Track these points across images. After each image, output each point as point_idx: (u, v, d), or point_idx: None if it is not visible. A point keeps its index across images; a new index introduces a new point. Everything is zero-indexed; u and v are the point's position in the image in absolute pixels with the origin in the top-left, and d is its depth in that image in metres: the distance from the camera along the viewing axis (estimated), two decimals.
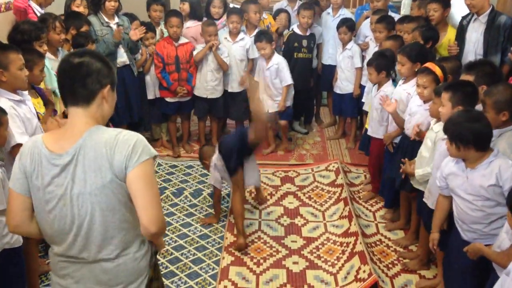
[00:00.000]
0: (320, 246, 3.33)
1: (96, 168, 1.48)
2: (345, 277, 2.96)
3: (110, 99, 1.59)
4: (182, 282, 2.94)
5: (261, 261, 3.18)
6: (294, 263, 3.16)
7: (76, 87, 1.52)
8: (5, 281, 2.29)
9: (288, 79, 4.53)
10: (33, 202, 1.58)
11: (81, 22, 3.74)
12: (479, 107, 2.47)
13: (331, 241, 3.38)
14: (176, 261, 3.13)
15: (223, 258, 3.19)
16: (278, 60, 4.51)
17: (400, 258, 3.17)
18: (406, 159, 2.98)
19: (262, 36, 4.43)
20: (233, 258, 3.20)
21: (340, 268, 3.06)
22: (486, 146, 2.17)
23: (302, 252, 3.27)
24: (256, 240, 3.41)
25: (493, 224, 2.17)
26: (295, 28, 4.82)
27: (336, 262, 3.14)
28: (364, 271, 2.87)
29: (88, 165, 1.49)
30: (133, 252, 1.62)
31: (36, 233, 1.65)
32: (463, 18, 3.66)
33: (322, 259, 3.19)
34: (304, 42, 4.77)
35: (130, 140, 1.51)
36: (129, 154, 1.48)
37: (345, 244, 3.28)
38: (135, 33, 4.16)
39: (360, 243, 3.14)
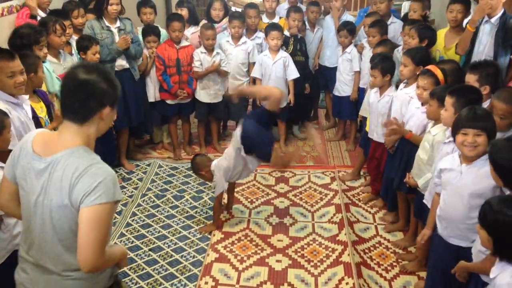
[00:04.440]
0: (305, 246, 3.35)
1: (59, 187, 1.50)
2: (326, 282, 2.97)
3: (108, 118, 1.58)
4: (181, 285, 2.96)
5: (245, 258, 3.21)
6: (277, 261, 3.18)
7: (76, 105, 1.52)
8: None
9: (295, 73, 4.58)
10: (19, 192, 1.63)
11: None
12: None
13: (317, 242, 3.39)
14: (176, 263, 3.15)
15: (208, 254, 3.23)
16: (285, 54, 4.55)
17: (399, 260, 3.18)
18: (408, 173, 2.97)
19: (278, 26, 4.46)
20: (218, 255, 3.23)
21: (322, 272, 3.07)
22: None
23: (286, 251, 3.29)
24: (243, 238, 3.44)
25: (470, 227, 2.19)
26: (286, 32, 4.83)
27: (319, 264, 3.15)
28: (347, 283, 2.90)
29: (54, 180, 1.51)
30: (82, 274, 1.58)
31: (20, 217, 1.70)
32: None
33: (306, 259, 3.21)
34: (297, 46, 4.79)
35: (98, 176, 1.48)
36: (89, 191, 1.46)
37: (330, 249, 3.28)
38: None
39: (348, 254, 3.15)
